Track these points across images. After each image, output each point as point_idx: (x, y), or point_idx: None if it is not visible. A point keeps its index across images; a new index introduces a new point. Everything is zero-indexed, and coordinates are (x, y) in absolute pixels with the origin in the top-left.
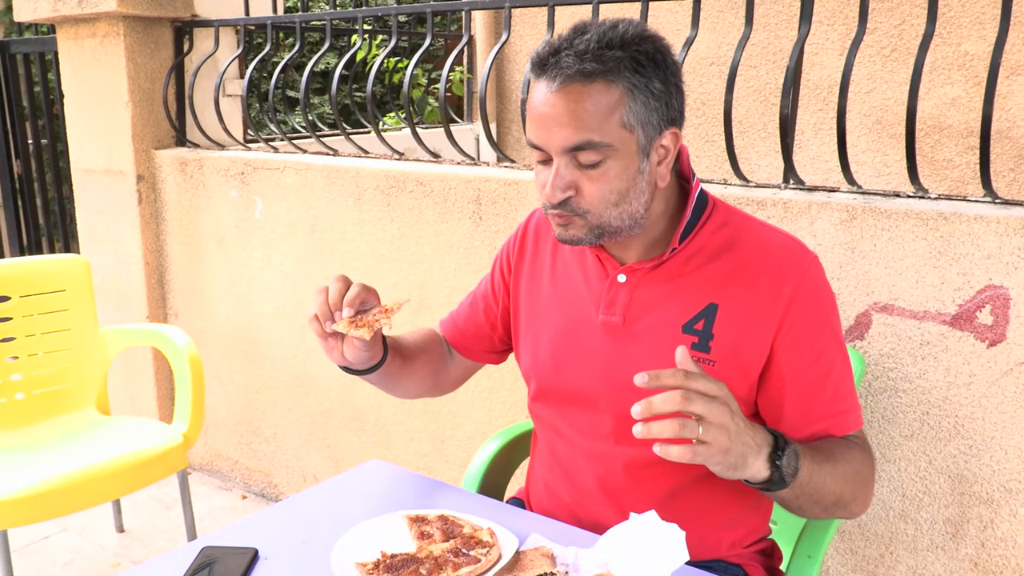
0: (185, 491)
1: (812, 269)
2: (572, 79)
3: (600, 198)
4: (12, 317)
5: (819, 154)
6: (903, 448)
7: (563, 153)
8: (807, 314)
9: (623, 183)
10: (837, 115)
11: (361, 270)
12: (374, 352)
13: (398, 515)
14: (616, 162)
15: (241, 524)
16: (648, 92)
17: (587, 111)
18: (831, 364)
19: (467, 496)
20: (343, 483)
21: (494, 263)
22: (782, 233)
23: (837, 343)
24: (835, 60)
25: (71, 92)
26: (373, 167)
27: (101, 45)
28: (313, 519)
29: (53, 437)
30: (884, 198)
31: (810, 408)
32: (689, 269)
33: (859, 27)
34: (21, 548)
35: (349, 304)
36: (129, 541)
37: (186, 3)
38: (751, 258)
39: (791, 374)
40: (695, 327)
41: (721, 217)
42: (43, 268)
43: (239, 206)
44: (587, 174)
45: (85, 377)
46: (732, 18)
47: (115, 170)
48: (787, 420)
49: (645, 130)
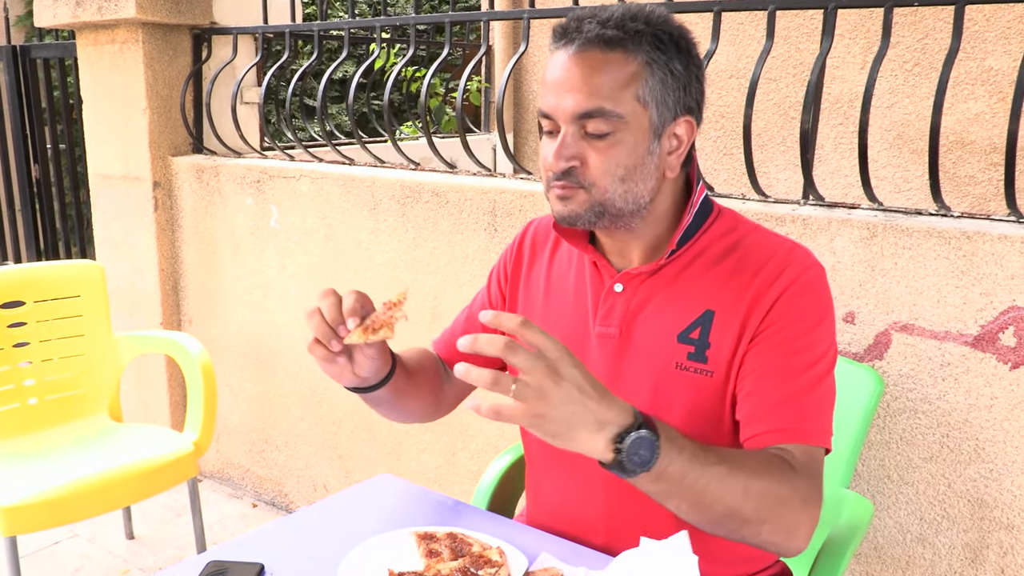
0: (195, 499)
1: (810, 273)
2: (592, 44)
3: (606, 170)
4: (26, 322)
5: (838, 168)
6: (922, 470)
7: (572, 120)
8: (793, 312)
9: (631, 159)
10: (859, 131)
11: (375, 280)
12: (384, 361)
13: (407, 532)
14: (626, 136)
15: (249, 537)
16: (667, 71)
17: (603, 78)
18: (803, 368)
19: (477, 513)
20: (353, 497)
21: (490, 276)
22: (790, 242)
23: (819, 354)
24: (856, 74)
25: (89, 97)
26: (389, 177)
27: (120, 51)
28: (321, 534)
29: (65, 443)
30: (906, 216)
31: (766, 403)
32: (688, 275)
33: (882, 41)
34: (31, 554)
35: (351, 314)
36: (139, 548)
37: (205, 11)
38: (751, 262)
39: (758, 363)
40: (691, 336)
41: (727, 224)
42: (58, 273)
43: (255, 214)
44: (594, 145)
45: (98, 383)
46: (752, 31)
47: (132, 176)
48: (743, 412)
49: (660, 110)
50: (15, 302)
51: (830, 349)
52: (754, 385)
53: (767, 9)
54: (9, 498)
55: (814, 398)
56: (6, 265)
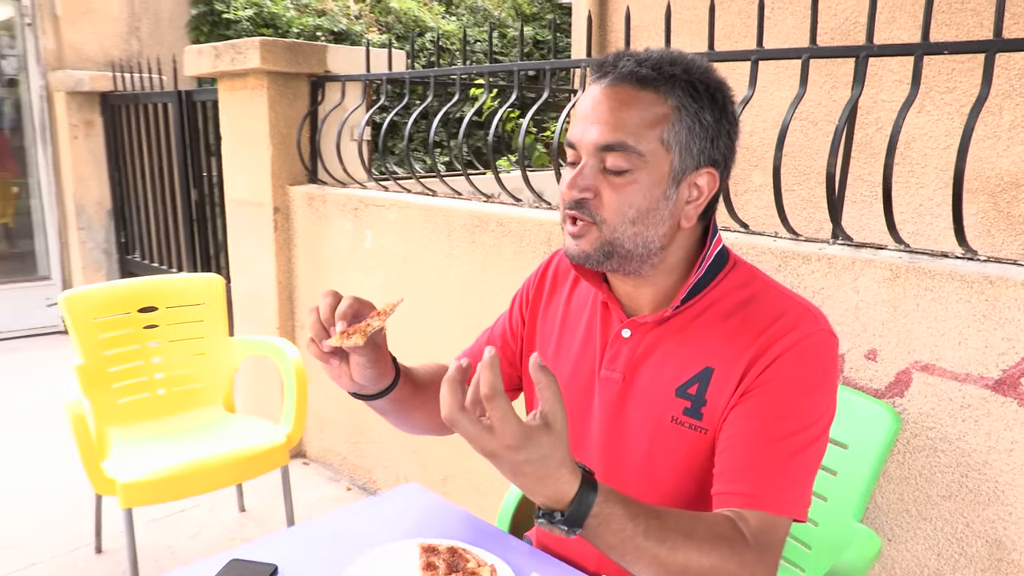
0: (286, 484)
1: (815, 339)
2: (624, 80)
3: (618, 209)
4: (158, 324)
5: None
6: (940, 508)
7: (594, 152)
8: (787, 375)
9: (645, 201)
10: (883, 175)
11: (448, 300)
12: (381, 371)
13: (414, 543)
14: (644, 176)
15: (271, 539)
16: (696, 119)
17: (629, 113)
18: (785, 435)
19: (487, 529)
20: (376, 505)
21: (513, 300)
22: (804, 304)
23: (807, 422)
24: (912, 117)
25: (227, 134)
26: (461, 207)
27: (250, 96)
28: (338, 540)
29: (183, 429)
30: (931, 258)
31: (736, 463)
32: (694, 328)
33: (912, 88)
34: (161, 518)
35: (341, 317)
36: (246, 520)
37: (320, 61)
38: (757, 321)
39: (740, 421)
40: (688, 391)
41: (741, 277)
42: (185, 284)
43: (352, 237)
44: (611, 181)
45: (215, 378)
46: (824, 78)
47: (257, 202)
48: (716, 466)
49: (683, 156)
50: (150, 307)
51: (822, 417)
52: (730, 442)
53: (801, 58)
54: (126, 476)
55: (790, 467)
56: (172, 273)
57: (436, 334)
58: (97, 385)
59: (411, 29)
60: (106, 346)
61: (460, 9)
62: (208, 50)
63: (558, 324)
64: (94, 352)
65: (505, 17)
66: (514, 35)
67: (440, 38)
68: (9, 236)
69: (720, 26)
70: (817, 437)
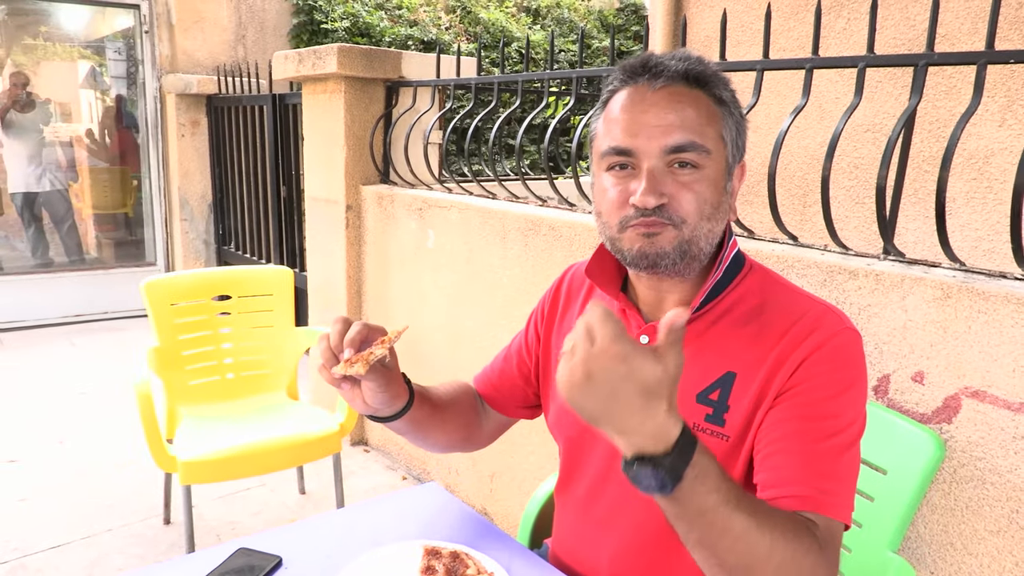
0: (338, 470)
1: (841, 338)
2: (676, 79)
3: (697, 208)
4: (231, 312)
5: (969, 222)
6: (987, 543)
7: (661, 155)
8: (818, 376)
9: (715, 195)
10: (936, 190)
11: (502, 300)
12: (394, 395)
13: (419, 544)
14: (710, 172)
15: (281, 530)
16: (735, 114)
17: (691, 112)
18: (827, 435)
19: (498, 536)
20: (394, 503)
21: (529, 318)
22: (822, 304)
23: (845, 423)
24: (994, 131)
25: (308, 134)
26: (516, 211)
27: (328, 99)
28: (347, 535)
29: (248, 412)
30: (987, 279)
31: (787, 467)
32: (713, 333)
33: (973, 98)
34: (228, 495)
35: (349, 344)
36: (305, 502)
37: (394, 67)
38: (777, 324)
39: (779, 426)
40: (710, 397)
41: (757, 281)
42: (257, 276)
43: (416, 236)
44: (682, 180)
45: (280, 366)
46: (891, 88)
47: (332, 199)
48: (761, 475)
49: (731, 150)
50: (224, 296)
51: (856, 419)
52: (774, 447)
53: (857, 66)
54: (187, 455)
55: (838, 467)
56: (261, 264)
57: (487, 333)
58: (171, 366)
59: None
60: (181, 330)
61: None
62: (293, 56)
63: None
64: (170, 335)
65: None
66: (598, 45)
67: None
68: (129, 224)
69: (775, 37)
70: (855, 439)
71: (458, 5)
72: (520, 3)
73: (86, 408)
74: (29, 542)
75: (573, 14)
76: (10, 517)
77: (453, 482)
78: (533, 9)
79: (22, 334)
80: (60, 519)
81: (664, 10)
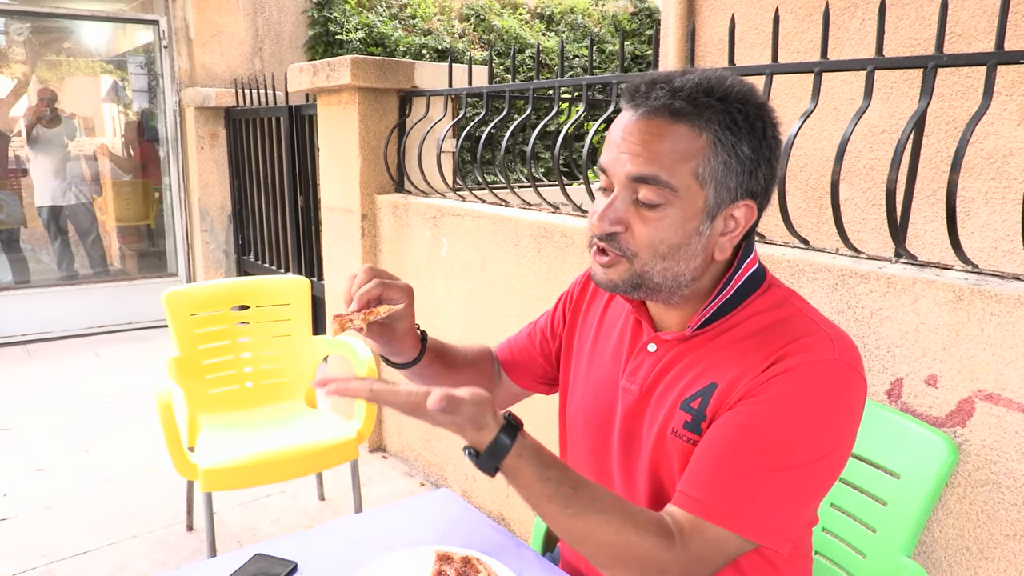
0: (355, 477)
1: (821, 366)
2: (657, 113)
3: (649, 244)
4: (249, 321)
5: (988, 223)
6: (1003, 548)
7: (626, 184)
8: (776, 396)
9: (677, 237)
10: (947, 193)
11: (516, 307)
12: (397, 350)
13: (430, 550)
14: (676, 211)
15: (297, 536)
16: (733, 153)
17: (663, 147)
18: (757, 451)
19: (510, 542)
20: (406, 509)
21: (559, 300)
22: (826, 332)
23: (788, 448)
24: (1012, 130)
25: (323, 145)
26: (529, 218)
27: (343, 110)
28: (361, 541)
29: (267, 420)
30: (1000, 281)
31: (694, 467)
32: (714, 347)
33: (983, 99)
34: (250, 501)
35: (359, 298)
36: (324, 508)
37: (407, 77)
38: (772, 344)
39: (715, 430)
40: (691, 405)
41: (773, 300)
42: (274, 285)
43: (431, 244)
44: (642, 214)
45: (298, 374)
46: (906, 88)
47: (347, 209)
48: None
49: (718, 191)
50: (243, 306)
51: (818, 446)
52: (701, 445)
53: (866, 69)
54: (207, 462)
55: (756, 484)
56: (280, 273)
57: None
58: (191, 375)
59: (511, 46)
60: (201, 340)
61: (560, 26)
62: (308, 68)
63: (593, 332)
64: (190, 345)
65: (604, 33)
66: (612, 50)
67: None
68: (151, 236)
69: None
70: (801, 464)
71: (472, 13)
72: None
73: (111, 417)
74: (57, 549)
75: (587, 19)
76: (38, 524)
77: (470, 488)
78: (547, 15)
79: (49, 345)
80: (86, 526)
81: (677, 14)
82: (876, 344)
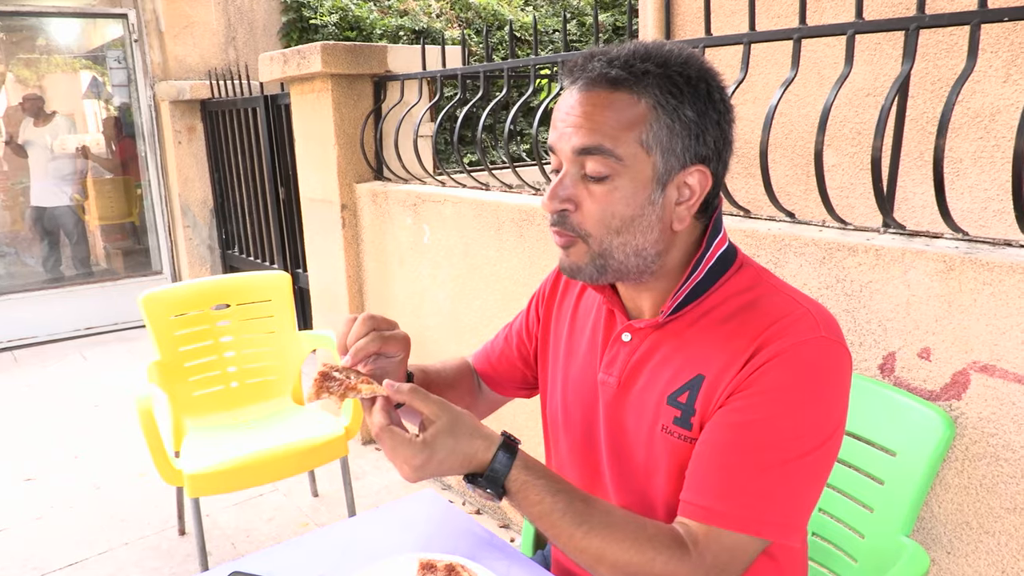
0: (346, 474)
1: (808, 347)
2: (595, 83)
3: (600, 219)
4: (231, 320)
5: (977, 183)
6: (1004, 521)
7: (573, 158)
8: (769, 385)
9: (628, 208)
10: (934, 158)
11: (501, 292)
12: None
13: (414, 557)
14: (625, 182)
15: (277, 549)
16: (676, 117)
17: (605, 117)
18: (759, 448)
19: (496, 546)
20: (388, 514)
21: (531, 300)
22: (805, 308)
23: (789, 436)
24: (998, 87)
25: (298, 135)
26: (510, 202)
27: (316, 98)
28: (342, 551)
29: (253, 419)
30: (991, 248)
31: (699, 472)
32: (692, 333)
33: (968, 60)
34: (242, 502)
35: (354, 354)
36: (319, 505)
37: (380, 61)
38: (752, 327)
39: (712, 428)
40: (679, 399)
41: (746, 280)
42: (254, 282)
43: (413, 232)
44: (591, 189)
45: (283, 371)
46: (890, 50)
47: (327, 199)
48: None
49: (665, 157)
50: (223, 304)
51: (815, 432)
52: (701, 449)
53: (846, 34)
54: (192, 467)
55: (762, 481)
56: (266, 268)
57: (489, 326)
58: (174, 379)
59: (490, 23)
60: (182, 342)
61: (539, 0)
62: (278, 56)
63: (567, 326)
64: (170, 348)
65: (583, 6)
66: (592, 23)
67: (516, 30)
68: (136, 233)
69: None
70: (806, 453)
71: None
72: None
73: (99, 421)
74: (48, 560)
75: None
76: (28, 536)
77: (464, 485)
78: None
79: (35, 350)
80: (77, 535)
81: None
82: (867, 318)
